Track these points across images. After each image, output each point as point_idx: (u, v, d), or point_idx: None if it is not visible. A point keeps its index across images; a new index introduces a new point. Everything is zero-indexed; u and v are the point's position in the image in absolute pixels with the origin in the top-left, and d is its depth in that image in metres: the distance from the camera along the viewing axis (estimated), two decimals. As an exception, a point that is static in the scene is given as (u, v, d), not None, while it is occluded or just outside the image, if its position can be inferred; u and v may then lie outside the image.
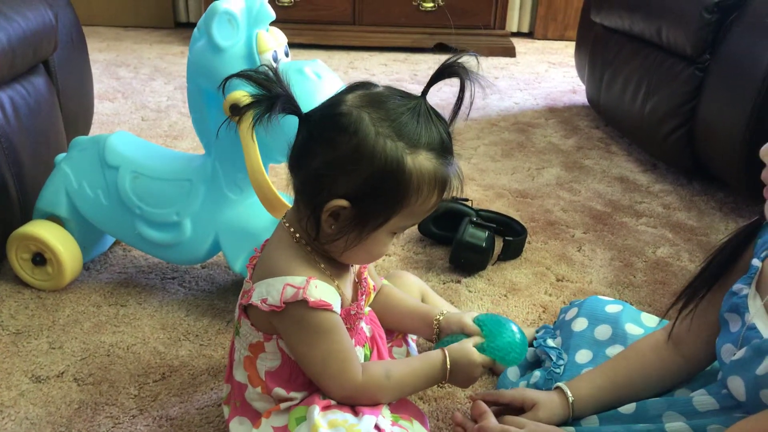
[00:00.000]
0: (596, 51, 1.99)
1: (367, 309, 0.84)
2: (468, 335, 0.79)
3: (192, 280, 1.18)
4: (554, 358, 0.89)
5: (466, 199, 1.35)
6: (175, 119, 1.98)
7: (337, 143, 0.65)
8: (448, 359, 0.75)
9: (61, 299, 1.11)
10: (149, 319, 1.07)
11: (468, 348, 0.77)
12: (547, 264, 1.28)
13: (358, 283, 0.78)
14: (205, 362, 0.98)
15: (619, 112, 1.87)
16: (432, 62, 2.72)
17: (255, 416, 0.74)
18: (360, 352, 0.78)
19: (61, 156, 1.12)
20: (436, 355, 0.76)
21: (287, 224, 0.73)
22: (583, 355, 0.88)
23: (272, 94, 0.66)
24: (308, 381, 0.73)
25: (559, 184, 1.64)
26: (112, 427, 0.86)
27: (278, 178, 1.49)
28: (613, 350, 0.86)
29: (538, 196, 1.57)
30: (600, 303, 0.96)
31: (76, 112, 1.41)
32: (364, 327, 0.81)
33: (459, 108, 0.71)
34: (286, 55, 1.01)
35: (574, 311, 0.96)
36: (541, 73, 2.66)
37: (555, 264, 1.28)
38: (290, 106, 0.67)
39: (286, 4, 2.78)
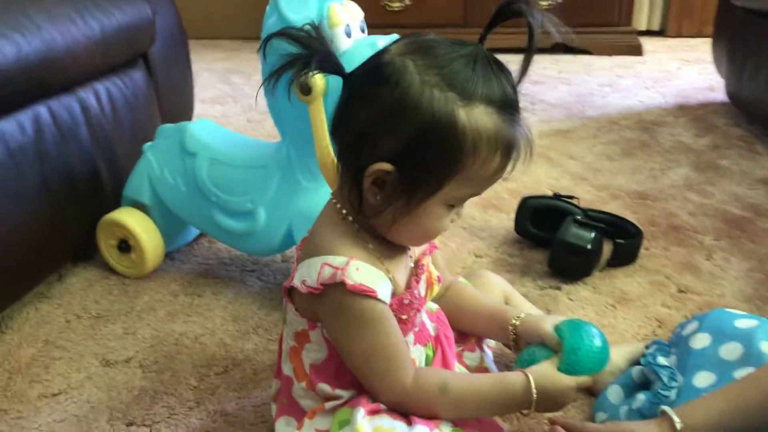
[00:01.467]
0: (737, 39, 1.74)
1: (433, 306, 0.74)
2: (548, 346, 0.67)
3: (271, 273, 1.14)
4: (665, 380, 0.73)
5: (572, 197, 1.20)
6: (279, 121, 1.99)
7: (377, 97, 0.56)
8: (533, 386, 0.63)
9: (142, 287, 1.10)
10: (221, 311, 1.03)
11: (554, 373, 0.64)
12: (667, 272, 1.10)
13: (415, 269, 0.68)
14: (270, 357, 0.92)
15: (767, 106, 1.61)
16: (548, 62, 2.55)
17: (301, 415, 0.66)
18: (420, 352, 0.68)
19: (148, 144, 1.13)
20: (516, 378, 0.64)
21: (334, 200, 0.65)
22: (703, 378, 0.71)
23: (310, 51, 0.58)
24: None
25: (687, 186, 1.43)
26: (167, 417, 0.82)
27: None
28: (743, 373, 0.69)
29: (661, 198, 1.37)
30: (728, 316, 0.78)
31: (175, 108, 1.44)
32: (428, 324, 0.70)
33: (531, 56, 0.59)
34: (363, 31, 0.93)
35: (694, 325, 0.79)
36: (673, 71, 2.40)
37: (677, 273, 1.09)
38: (329, 64, 0.59)
39: (395, 9, 2.75)
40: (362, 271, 0.58)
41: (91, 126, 1.12)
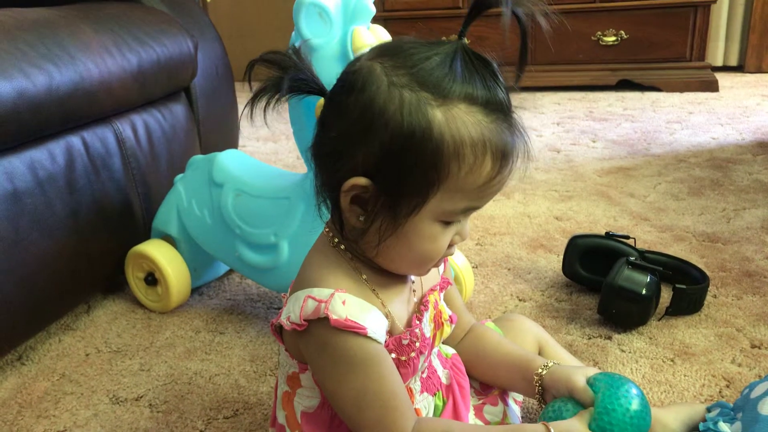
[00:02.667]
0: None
1: (449, 350, 0.65)
2: (578, 401, 0.57)
3: (297, 312, 1.08)
4: (727, 451, 0.61)
5: (627, 237, 1.09)
6: (328, 158, 1.96)
7: (346, 107, 0.51)
8: None
9: (166, 321, 1.07)
10: (241, 350, 0.98)
11: (581, 430, 0.55)
12: (738, 324, 0.96)
13: (418, 305, 0.60)
14: (282, 402, 0.85)
15: None
16: (613, 99, 2.43)
17: (295, 470, 0.59)
18: (428, 401, 0.60)
19: (179, 176, 1.11)
20: (534, 430, 0.55)
21: (327, 228, 0.58)
22: (774, 451, 0.59)
23: (284, 74, 0.53)
24: None
25: (765, 228, 1.28)
26: (166, 464, 0.76)
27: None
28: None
29: (734, 241, 1.23)
30: (808, 377, 0.65)
31: (217, 142, 1.43)
32: (440, 371, 0.62)
33: (525, 53, 0.52)
34: (391, 55, 0.88)
35: (764, 386, 0.67)
36: (751, 107, 2.23)
37: (750, 325, 0.96)
38: (305, 84, 0.53)
39: (455, 48, 2.72)
40: (350, 304, 0.51)
41: (125, 157, 1.11)
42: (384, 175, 0.49)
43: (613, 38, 2.53)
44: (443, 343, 0.66)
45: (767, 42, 2.75)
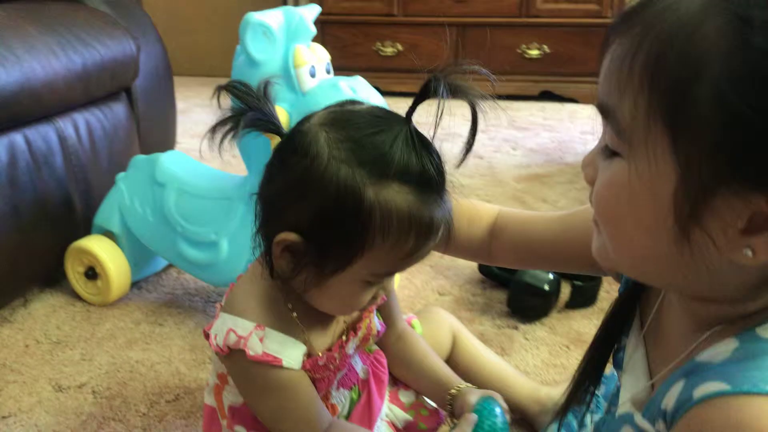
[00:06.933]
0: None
1: (372, 347, 0.74)
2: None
3: (234, 305, 1.15)
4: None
5: (535, 239, 1.22)
6: (264, 157, 2.02)
7: (288, 166, 0.55)
8: None
9: (106, 314, 1.12)
10: (180, 340, 1.04)
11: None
12: (625, 316, 1.11)
13: (347, 331, 0.67)
14: (221, 387, 0.92)
15: None
16: (535, 109, 2.61)
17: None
18: (345, 396, 0.68)
19: (121, 174, 1.16)
20: None
21: (260, 260, 0.63)
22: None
23: (244, 110, 0.57)
24: None
25: (655, 233, 1.45)
26: (111, 444, 0.82)
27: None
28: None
29: (628, 244, 1.39)
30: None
31: (156, 141, 1.47)
32: (359, 367, 0.70)
33: (473, 138, 0.56)
34: (328, 72, 0.97)
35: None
36: (655, 121, 2.45)
37: (635, 317, 1.11)
38: (262, 123, 0.57)
39: (389, 54, 2.82)
40: (268, 339, 0.58)
41: (66, 155, 1.15)
42: (313, 236, 0.54)
43: (537, 52, 2.71)
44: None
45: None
